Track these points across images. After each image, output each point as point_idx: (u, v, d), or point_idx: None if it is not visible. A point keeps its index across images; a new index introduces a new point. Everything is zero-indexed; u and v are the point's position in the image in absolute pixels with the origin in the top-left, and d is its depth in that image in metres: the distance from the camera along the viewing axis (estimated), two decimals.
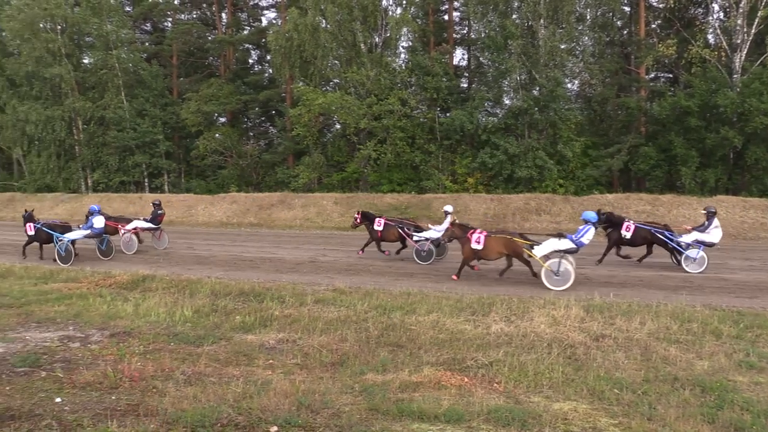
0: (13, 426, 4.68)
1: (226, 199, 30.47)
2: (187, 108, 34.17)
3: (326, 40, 28.38)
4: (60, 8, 33.81)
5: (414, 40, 32.09)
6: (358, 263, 14.67)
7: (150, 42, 41.95)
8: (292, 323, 8.23)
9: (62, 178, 36.49)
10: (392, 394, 5.49)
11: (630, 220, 13.91)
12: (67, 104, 34.50)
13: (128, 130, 33.95)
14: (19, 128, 34.94)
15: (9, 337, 7.56)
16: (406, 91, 28.32)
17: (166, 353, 6.86)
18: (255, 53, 41.70)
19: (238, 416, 4.90)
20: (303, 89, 28.73)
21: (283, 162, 34.17)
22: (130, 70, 35.46)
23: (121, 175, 35.24)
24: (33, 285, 11.54)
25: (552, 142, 26.07)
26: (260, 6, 41.31)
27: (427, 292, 10.21)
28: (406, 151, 28.15)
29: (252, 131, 40.81)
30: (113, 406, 5.19)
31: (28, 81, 35.32)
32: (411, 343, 7.20)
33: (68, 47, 34.95)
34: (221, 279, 11.90)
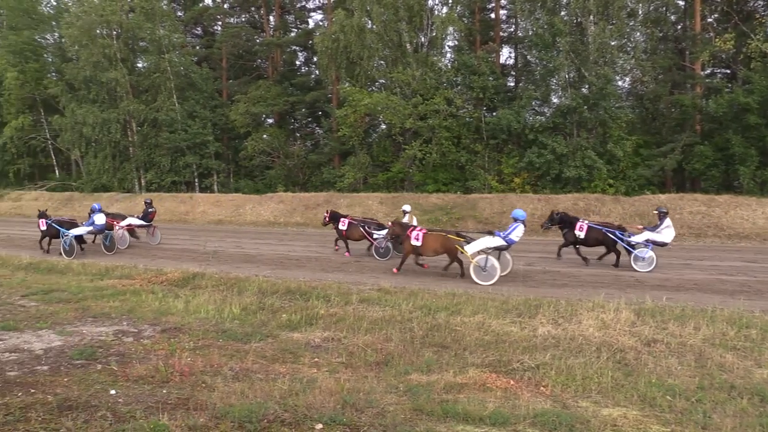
0: (71, 416, 4.87)
1: (273, 198, 30.94)
2: (235, 109, 34.86)
3: (372, 41, 28.48)
4: (116, 15, 35.04)
5: (460, 39, 31.88)
6: (405, 264, 14.65)
7: (200, 45, 42.97)
8: (337, 322, 8.30)
9: (117, 178, 37.72)
10: (437, 394, 5.48)
11: (584, 221, 14.25)
12: (122, 107, 35.67)
13: (179, 131, 34.86)
14: (78, 130, 36.32)
15: (67, 331, 7.88)
16: (451, 91, 28.16)
17: (214, 349, 7.02)
18: (302, 55, 42.22)
19: (284, 413, 4.97)
20: (349, 90, 28.93)
21: (329, 162, 34.48)
22: (181, 73, 36.40)
23: (172, 176, 36.18)
24: (90, 281, 11.99)
25: (602, 141, 25.46)
26: (307, 8, 41.83)
27: (472, 293, 10.13)
28: (451, 150, 27.97)
29: (299, 132, 41.32)
30: (164, 399, 5.34)
31: (86, 85, 36.70)
32: (456, 344, 7.16)
33: (123, 52, 36.15)
34: (268, 277, 12.09)
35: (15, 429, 4.59)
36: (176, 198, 34.18)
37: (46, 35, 43.11)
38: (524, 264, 14.07)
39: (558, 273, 12.73)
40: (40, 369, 6.27)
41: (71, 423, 4.72)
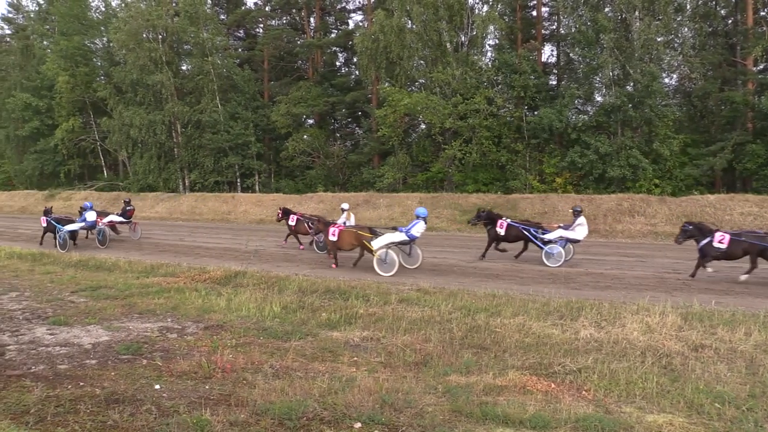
0: (118, 409, 5.02)
1: (313, 198, 31.23)
2: (277, 110, 35.34)
3: (412, 41, 28.46)
4: (161, 19, 35.97)
5: (501, 38, 31.56)
6: (442, 263, 14.61)
7: (243, 48, 43.70)
8: (376, 322, 8.31)
9: (162, 178, 38.68)
10: (476, 396, 5.43)
11: (505, 219, 15.05)
12: (167, 109, 36.57)
13: (222, 132, 35.52)
14: (125, 132, 37.41)
15: (114, 327, 8.11)
16: (492, 90, 27.91)
17: (255, 347, 7.12)
18: (342, 56, 42.48)
19: (323, 411, 5.01)
20: (389, 90, 28.97)
21: (369, 162, 34.62)
22: (224, 75, 37.10)
23: (215, 176, 36.90)
24: (135, 278, 12.32)
25: (647, 140, 24.81)
26: (347, 9, 42.04)
27: (512, 295, 10.01)
28: (492, 150, 27.71)
29: (339, 132, 41.62)
30: (207, 395, 5.45)
31: (132, 88, 37.78)
32: (495, 346, 7.09)
33: (168, 55, 37.07)
34: (308, 276, 12.20)
35: (65, 420, 4.75)
36: (219, 198, 34.85)
37: (95, 40, 44.54)
38: (566, 266, 13.83)
39: (601, 275, 12.47)
40: (89, 363, 6.47)
41: (118, 416, 4.86)
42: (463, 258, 15.48)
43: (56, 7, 44.16)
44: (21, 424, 4.67)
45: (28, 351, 6.94)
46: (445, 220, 25.51)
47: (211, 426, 4.66)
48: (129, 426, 4.67)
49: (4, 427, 4.55)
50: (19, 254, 16.25)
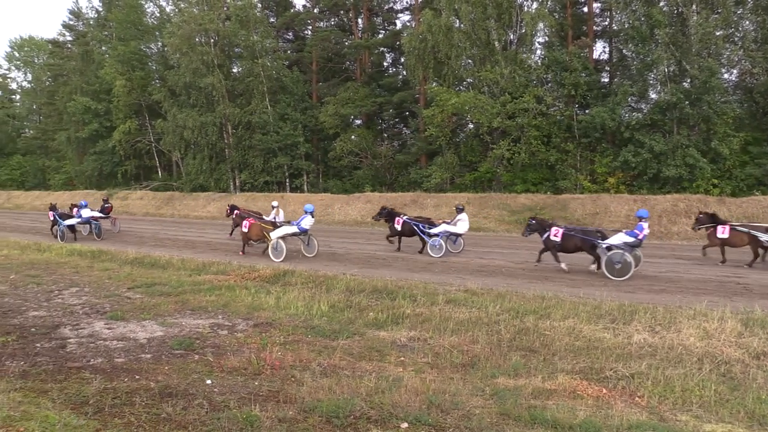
0: (171, 402, 5.16)
1: (360, 198, 31.39)
2: (325, 111, 35.68)
3: (460, 40, 28.25)
4: (213, 23, 36.85)
5: (551, 35, 30.98)
6: (490, 264, 14.46)
7: (292, 50, 44.29)
8: (423, 322, 8.29)
9: (214, 178, 39.60)
10: (524, 399, 5.35)
11: (402, 216, 17.04)
12: (219, 111, 37.42)
13: (272, 133, 36.10)
14: (178, 133, 38.46)
15: (168, 322, 8.35)
16: (542, 89, 27.41)
17: (303, 345, 7.21)
18: (389, 56, 42.51)
19: (370, 410, 5.03)
20: (436, 90, 28.85)
21: (416, 162, 34.56)
22: (273, 77, 37.69)
23: (265, 176, 37.54)
24: (188, 276, 12.65)
25: (705, 139, 23.89)
26: (395, 10, 42.03)
27: (562, 297, 9.81)
28: (541, 150, 27.22)
29: (386, 132, 41.69)
30: (256, 391, 5.54)
31: (185, 91, 38.83)
32: (545, 349, 6.97)
33: (220, 58, 37.92)
34: (356, 276, 12.26)
35: (122, 412, 4.92)
36: (268, 198, 35.38)
37: (151, 45, 46.05)
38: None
39: (655, 278, 12.09)
40: (144, 357, 6.68)
41: (171, 409, 5.00)
42: (511, 259, 15.28)
43: (114, 13, 45.84)
44: (81, 414, 4.86)
45: (88, 344, 7.22)
46: (493, 220, 25.23)
47: (260, 422, 4.73)
48: (182, 419, 4.80)
49: (65, 416, 4.74)
50: (79, 251, 16.92)
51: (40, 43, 63.06)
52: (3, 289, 11.26)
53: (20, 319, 8.58)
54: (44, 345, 7.15)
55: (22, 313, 9.00)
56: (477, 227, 24.52)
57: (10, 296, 10.48)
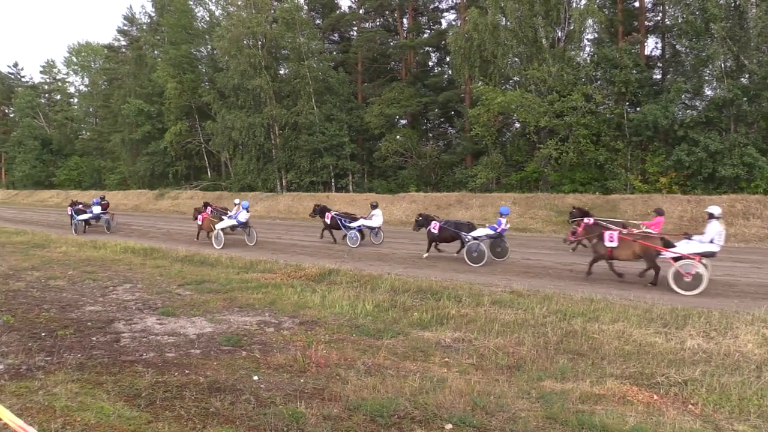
0: (219, 397, 5.28)
1: (405, 198, 31.40)
2: (370, 111, 35.83)
3: (506, 38, 27.93)
4: (261, 26, 37.50)
5: (600, 32, 30.26)
6: (536, 265, 14.25)
7: (337, 51, 44.63)
8: (468, 323, 8.23)
9: (261, 178, 40.27)
10: (571, 404, 5.24)
11: (331, 212, 20.08)
12: (266, 112, 38.05)
13: (318, 134, 36.47)
14: (227, 134, 39.29)
15: (216, 319, 8.54)
16: (591, 86, 26.80)
17: (348, 344, 7.25)
18: (435, 55, 42.37)
19: (414, 410, 5.02)
20: (482, 89, 28.60)
21: (462, 162, 34.33)
22: (319, 78, 38.05)
23: (311, 176, 37.93)
24: (236, 274, 12.90)
25: (765, 137, 22.90)
26: (440, 9, 41.85)
27: (611, 300, 9.58)
28: (590, 149, 26.61)
29: (431, 132, 41.58)
30: (301, 388, 5.61)
31: (234, 92, 39.63)
32: (593, 353, 6.81)
33: (267, 60, 38.57)
34: (400, 276, 12.27)
35: (172, 405, 5.06)
36: (314, 197, 35.78)
37: (201, 48, 47.13)
38: (665, 270, 13.06)
39: (710, 281, 11.65)
40: (194, 352, 6.85)
41: (219, 403, 5.11)
42: (558, 260, 15.02)
43: (166, 18, 47.15)
44: (133, 406, 5.02)
45: (140, 339, 7.45)
46: (540, 221, 24.84)
47: (306, 419, 4.79)
48: (229, 414, 4.90)
49: (119, 408, 4.91)
50: (133, 249, 17.46)
51: (97, 49, 65.44)
52: (61, 284, 11.72)
53: (77, 314, 8.91)
54: (100, 339, 7.42)
55: (79, 308, 9.35)
56: (523, 228, 24.20)
57: (68, 291, 10.91)
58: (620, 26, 30.56)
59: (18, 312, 8.85)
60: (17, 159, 66.05)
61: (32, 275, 12.77)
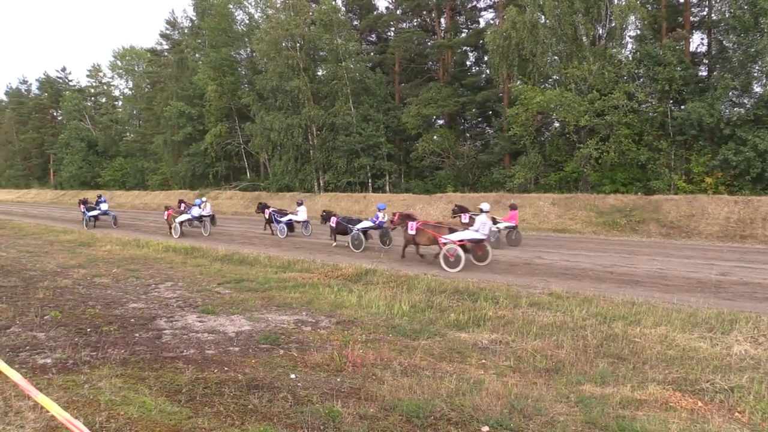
0: (257, 394, 5.35)
1: (442, 198, 31.28)
2: (407, 112, 35.79)
3: (545, 36, 27.55)
4: (299, 28, 37.92)
5: (643, 28, 29.53)
6: (576, 267, 14.01)
7: (374, 51, 44.75)
8: (505, 325, 8.14)
9: (299, 179, 40.71)
10: (612, 409, 5.13)
11: (270, 209, 23.73)
12: (304, 113, 38.44)
13: (355, 134, 36.65)
14: (265, 135, 39.87)
15: (255, 317, 8.65)
16: (633, 84, 26.21)
17: (384, 344, 7.26)
18: (472, 55, 42.07)
19: (450, 412, 4.99)
20: (521, 88, 28.27)
21: (499, 162, 33.99)
22: (356, 79, 38.25)
23: (348, 176, 38.16)
24: (274, 273, 13.05)
25: None
26: (478, 8, 41.52)
27: (654, 303, 9.35)
28: (631, 149, 25.99)
29: (469, 132, 41.30)
30: (338, 387, 5.64)
31: (272, 94, 40.17)
32: (634, 357, 6.65)
33: (305, 62, 38.97)
34: (437, 276, 12.23)
35: (212, 401, 5.15)
36: (351, 197, 36.00)
37: (240, 51, 47.95)
38: (716, 273, 12.69)
39: (758, 285, 11.28)
40: (232, 350, 6.96)
41: (257, 401, 5.17)
42: (598, 262, 14.74)
43: (206, 22, 48.11)
44: (174, 401, 5.13)
45: (181, 336, 7.60)
46: (580, 222, 24.43)
47: (342, 417, 4.81)
48: (267, 411, 4.95)
49: (160, 403, 5.02)
50: (174, 248, 17.85)
51: (140, 53, 67.21)
52: (106, 281, 12.06)
53: (121, 310, 9.15)
54: (142, 335, 7.60)
55: (123, 305, 9.60)
56: (562, 228, 23.84)
57: (112, 288, 11.22)
58: (664, 22, 29.81)
59: (65, 308, 9.14)
60: (65, 160, 68.34)
61: (79, 273, 13.17)
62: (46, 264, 14.62)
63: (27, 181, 79.87)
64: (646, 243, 19.68)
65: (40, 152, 78.57)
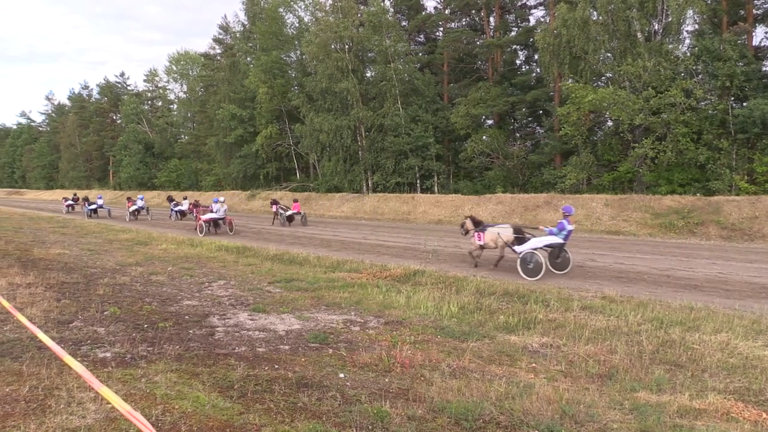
0: (307, 393, 5.40)
1: (492, 199, 30.95)
2: (456, 112, 35.57)
3: (597, 33, 26.90)
4: (348, 30, 38.21)
5: (701, 22, 28.46)
6: (630, 270, 13.62)
7: (423, 52, 44.68)
8: (556, 328, 7.98)
9: (347, 179, 41.02)
10: (668, 418, 4.95)
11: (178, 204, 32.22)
12: (353, 114, 38.71)
13: (403, 135, 36.68)
14: (315, 137, 40.35)
15: (304, 316, 8.75)
16: (691, 81, 25.29)
17: (433, 345, 7.22)
18: (522, 54, 41.51)
19: (500, 415, 4.92)
20: (572, 86, 27.70)
21: (550, 162, 33.39)
22: (405, 80, 38.28)
23: (396, 177, 38.21)
24: (323, 273, 13.18)
25: None
26: (528, 6, 40.93)
27: (714, 308, 8.99)
28: (690, 148, 25.07)
29: (518, 132, 40.75)
30: (386, 387, 5.64)
31: (322, 96, 40.62)
32: (693, 364, 6.41)
33: (354, 63, 39.24)
34: (486, 278, 12.10)
35: (262, 398, 5.23)
36: (399, 198, 36.03)
37: (290, 54, 48.74)
38: None
39: None
40: (282, 348, 7.06)
41: (307, 399, 5.23)
42: (654, 265, 14.29)
43: (258, 26, 49.06)
44: (226, 397, 5.24)
45: (233, 333, 7.76)
46: (634, 223, 23.74)
47: (390, 418, 4.81)
48: (316, 409, 5.00)
49: (213, 398, 5.14)
50: (226, 247, 18.25)
51: (194, 57, 69.12)
52: (162, 279, 12.43)
53: (176, 307, 9.42)
54: (196, 332, 7.79)
55: (178, 302, 9.88)
56: (615, 230, 23.24)
57: (167, 286, 11.55)
58: (725, 16, 28.63)
59: (123, 304, 9.47)
60: (123, 162, 70.98)
61: (136, 270, 13.63)
62: (105, 262, 15.19)
63: (88, 182, 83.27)
64: (705, 246, 18.96)
65: (101, 154, 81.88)
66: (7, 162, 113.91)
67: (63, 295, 10.15)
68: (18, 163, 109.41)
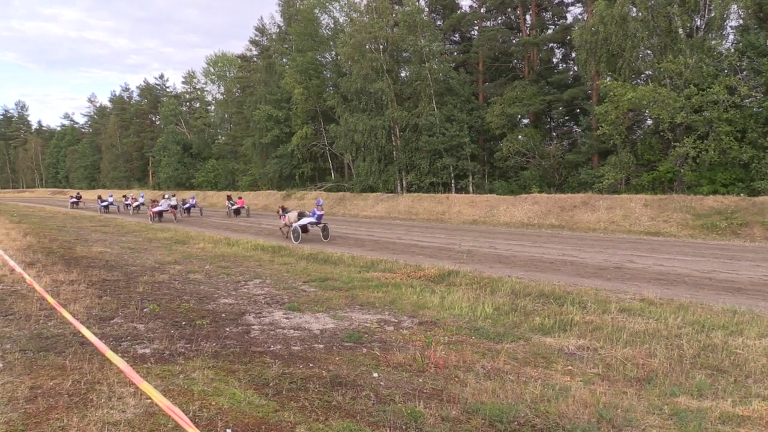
0: (341, 392, 5.44)
1: (527, 200, 30.61)
2: (491, 111, 35.27)
3: (637, 30, 26.34)
4: (382, 30, 38.26)
5: (746, 17, 27.60)
6: (670, 272, 13.31)
7: (458, 51, 44.44)
8: (593, 330, 7.86)
9: (382, 179, 41.07)
10: (710, 424, 4.83)
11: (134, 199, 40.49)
12: (387, 114, 38.74)
13: (438, 135, 36.54)
14: (350, 137, 40.53)
15: (339, 316, 8.81)
16: (734, 78, 24.54)
17: (467, 346, 7.19)
18: (559, 52, 40.90)
19: (535, 418, 4.87)
20: (610, 84, 27.18)
21: (587, 162, 32.83)
22: (440, 79, 38.14)
23: (431, 177, 38.09)
24: (358, 272, 13.23)
25: None
26: (565, 3, 40.29)
27: (759, 312, 8.72)
28: (733, 147, 24.32)
29: (555, 131, 40.16)
30: (420, 388, 5.64)
31: (356, 96, 40.77)
32: (736, 369, 6.23)
33: (388, 64, 39.26)
34: (521, 279, 11.98)
35: (297, 396, 5.29)
36: (434, 198, 35.93)
37: (325, 54, 49.03)
38: None
39: None
40: (317, 347, 7.12)
41: (341, 398, 5.27)
42: (695, 267, 13.93)
43: (293, 27, 49.56)
44: (262, 394, 5.31)
45: (268, 331, 7.86)
46: (675, 224, 23.18)
47: (424, 418, 4.81)
48: (350, 408, 5.03)
49: (249, 395, 5.22)
50: (262, 246, 18.49)
51: (231, 59, 70.12)
52: (199, 277, 12.67)
53: (213, 305, 9.59)
54: (232, 329, 7.92)
55: (215, 300, 10.06)
56: (655, 231, 22.74)
57: (205, 285, 11.77)
58: None
59: (162, 302, 9.68)
60: (162, 162, 72.52)
61: (174, 268, 13.92)
62: (145, 260, 15.56)
63: (128, 182, 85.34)
64: (749, 248, 18.39)
65: (140, 155, 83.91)
66: (51, 162, 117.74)
67: (104, 292, 10.44)
68: (62, 163, 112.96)
